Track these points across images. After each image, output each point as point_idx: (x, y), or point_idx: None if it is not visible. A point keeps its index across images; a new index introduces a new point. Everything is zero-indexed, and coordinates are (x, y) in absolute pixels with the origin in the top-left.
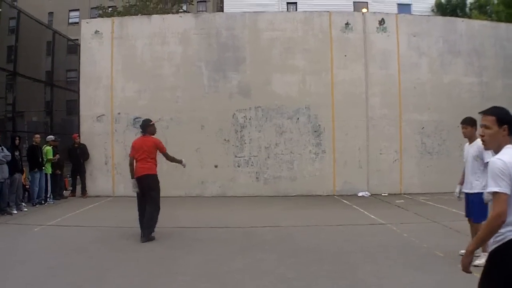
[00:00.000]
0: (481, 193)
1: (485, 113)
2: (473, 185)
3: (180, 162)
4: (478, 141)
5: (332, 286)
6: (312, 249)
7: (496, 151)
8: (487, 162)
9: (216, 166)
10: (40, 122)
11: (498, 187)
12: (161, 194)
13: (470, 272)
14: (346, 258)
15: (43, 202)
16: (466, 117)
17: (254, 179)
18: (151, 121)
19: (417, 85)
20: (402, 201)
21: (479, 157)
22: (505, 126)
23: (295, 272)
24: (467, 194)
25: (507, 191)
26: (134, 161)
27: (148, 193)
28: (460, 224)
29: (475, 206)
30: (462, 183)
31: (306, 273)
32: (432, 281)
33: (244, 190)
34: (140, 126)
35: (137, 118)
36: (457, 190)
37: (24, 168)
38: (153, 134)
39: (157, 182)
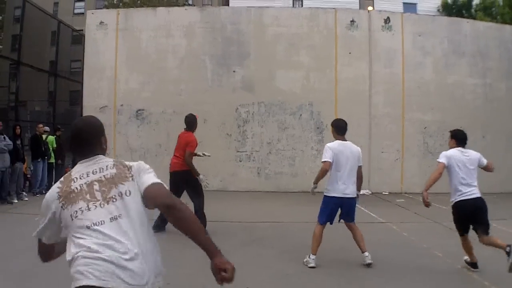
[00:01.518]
0: (356, 197)
1: None
2: (353, 189)
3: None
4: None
5: (331, 283)
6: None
7: None
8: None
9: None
10: (43, 112)
11: None
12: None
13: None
14: (345, 255)
15: (44, 191)
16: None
17: (255, 174)
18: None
19: (421, 84)
20: (403, 200)
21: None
22: None
23: (294, 268)
24: (348, 198)
25: None
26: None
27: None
28: None
29: (354, 208)
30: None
31: (305, 270)
32: (431, 281)
33: (245, 185)
34: (185, 121)
35: (139, 110)
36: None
37: (25, 157)
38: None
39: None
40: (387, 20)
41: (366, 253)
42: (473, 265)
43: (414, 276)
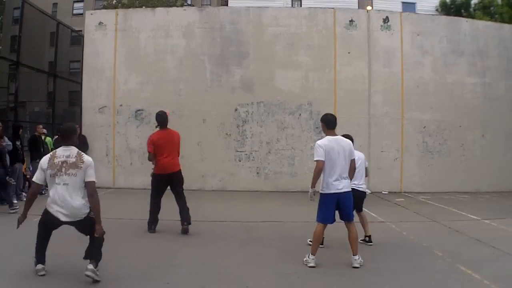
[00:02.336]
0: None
1: None
2: (347, 183)
3: None
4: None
5: (330, 283)
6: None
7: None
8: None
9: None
10: (42, 113)
11: None
12: None
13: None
14: (345, 255)
15: (43, 192)
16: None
17: (254, 174)
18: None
19: (420, 84)
20: (402, 199)
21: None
22: None
23: (293, 268)
24: (343, 193)
25: None
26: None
27: (176, 188)
28: (459, 223)
29: (351, 205)
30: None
31: (305, 269)
32: (430, 280)
33: (245, 185)
34: (160, 119)
35: (139, 110)
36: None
37: (24, 158)
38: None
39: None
40: (386, 20)
41: (356, 257)
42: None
43: (413, 275)
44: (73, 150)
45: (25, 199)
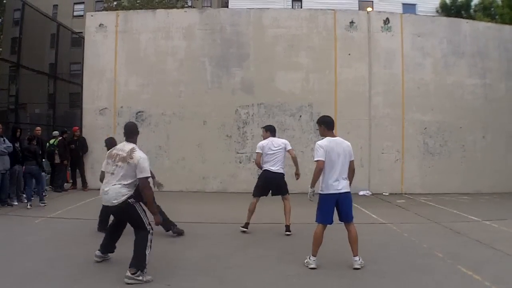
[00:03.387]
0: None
1: None
2: (346, 184)
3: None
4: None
5: (331, 284)
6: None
7: None
8: None
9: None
10: (42, 114)
11: None
12: (164, 188)
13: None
14: (346, 256)
15: (44, 193)
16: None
17: (255, 175)
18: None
19: (421, 85)
20: (403, 201)
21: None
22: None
23: (294, 270)
24: (342, 193)
25: None
26: None
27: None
28: (460, 225)
29: (351, 205)
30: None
31: (306, 271)
32: (431, 281)
33: (245, 187)
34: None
35: (139, 112)
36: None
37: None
38: None
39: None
40: (386, 21)
41: (356, 258)
42: (246, 225)
43: (414, 276)
44: (126, 147)
45: (25, 200)
